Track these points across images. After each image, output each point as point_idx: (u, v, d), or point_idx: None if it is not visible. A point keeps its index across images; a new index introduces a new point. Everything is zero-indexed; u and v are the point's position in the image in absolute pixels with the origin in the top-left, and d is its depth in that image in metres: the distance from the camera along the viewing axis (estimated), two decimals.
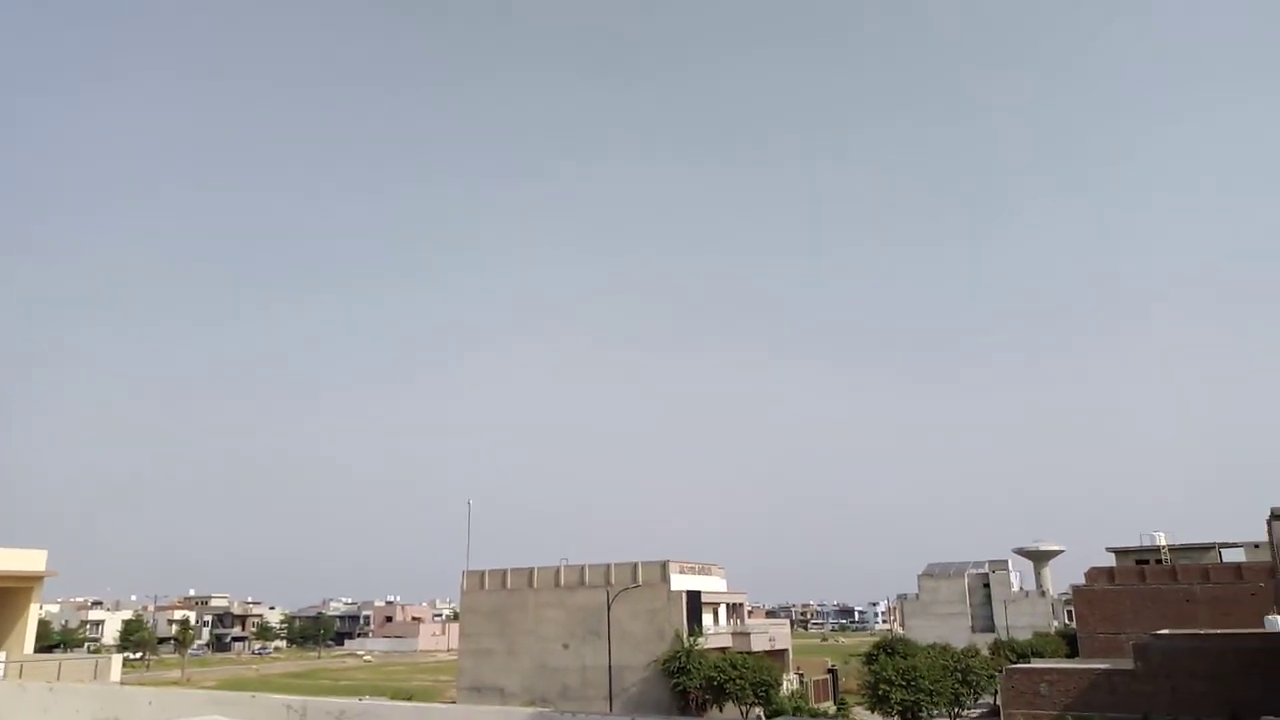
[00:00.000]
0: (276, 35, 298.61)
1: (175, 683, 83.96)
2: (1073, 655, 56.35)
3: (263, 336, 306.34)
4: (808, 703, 51.75)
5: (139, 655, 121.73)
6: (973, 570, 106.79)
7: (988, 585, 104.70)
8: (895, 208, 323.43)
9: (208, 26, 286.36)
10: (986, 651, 62.36)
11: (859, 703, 52.23)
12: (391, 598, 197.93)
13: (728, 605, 59.47)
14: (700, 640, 50.76)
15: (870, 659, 61.10)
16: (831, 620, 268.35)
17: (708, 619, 54.81)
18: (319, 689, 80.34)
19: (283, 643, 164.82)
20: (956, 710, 46.24)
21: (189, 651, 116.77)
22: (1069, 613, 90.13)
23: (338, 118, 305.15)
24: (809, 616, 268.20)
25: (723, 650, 51.79)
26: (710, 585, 57.30)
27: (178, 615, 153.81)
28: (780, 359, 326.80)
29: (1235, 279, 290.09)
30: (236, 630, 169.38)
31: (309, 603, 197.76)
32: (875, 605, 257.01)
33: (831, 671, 66.85)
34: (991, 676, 48.69)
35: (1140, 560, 58.67)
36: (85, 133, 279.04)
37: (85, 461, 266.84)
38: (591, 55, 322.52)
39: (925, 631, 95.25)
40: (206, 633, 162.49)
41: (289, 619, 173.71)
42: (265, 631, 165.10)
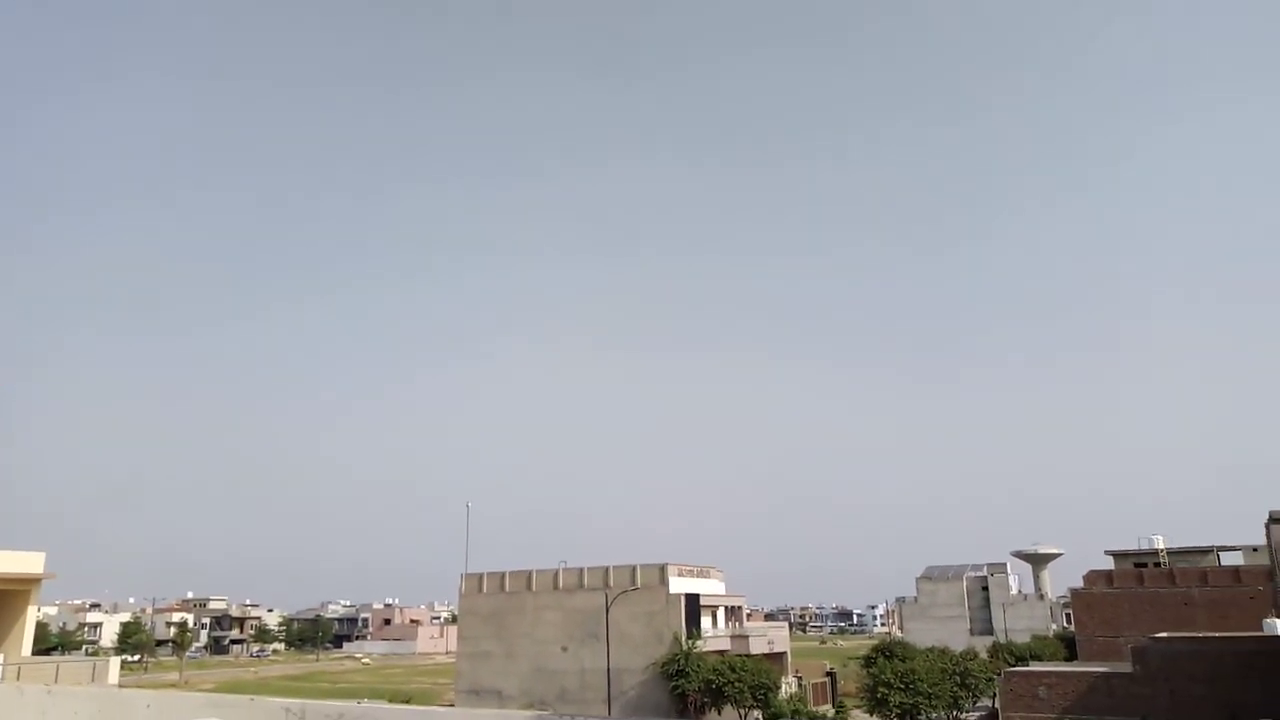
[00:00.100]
0: (276, 36, 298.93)
1: (173, 685, 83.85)
2: (1071, 658, 56.37)
3: (262, 338, 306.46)
4: (806, 706, 51.70)
5: (137, 658, 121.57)
6: (971, 573, 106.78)
7: (986, 588, 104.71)
8: (895, 208, 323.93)
9: (208, 27, 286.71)
10: (985, 654, 62.36)
11: (858, 706, 52.23)
12: (390, 600, 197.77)
13: (726, 608, 59.46)
14: (699, 643, 50.76)
15: (869, 662, 61.10)
16: (830, 623, 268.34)
17: (706, 622, 54.79)
18: (317, 692, 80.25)
19: (281, 645, 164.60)
20: (955, 713, 46.27)
21: (187, 654, 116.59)
22: (1067, 616, 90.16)
23: (338, 118, 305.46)
24: (807, 619, 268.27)
25: (721, 653, 51.79)
26: (709, 588, 57.30)
27: (176, 618, 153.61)
28: (779, 360, 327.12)
29: (1235, 280, 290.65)
30: (235, 633, 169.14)
31: (307, 605, 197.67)
32: (874, 608, 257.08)
33: (830, 674, 66.84)
34: (990, 679, 48.72)
35: (1139, 563, 58.71)
36: (85, 133, 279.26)
37: (83, 463, 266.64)
38: (591, 55, 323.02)
39: (924, 634, 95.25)
40: (204, 635, 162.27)
41: (287, 621, 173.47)
42: (263, 634, 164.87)
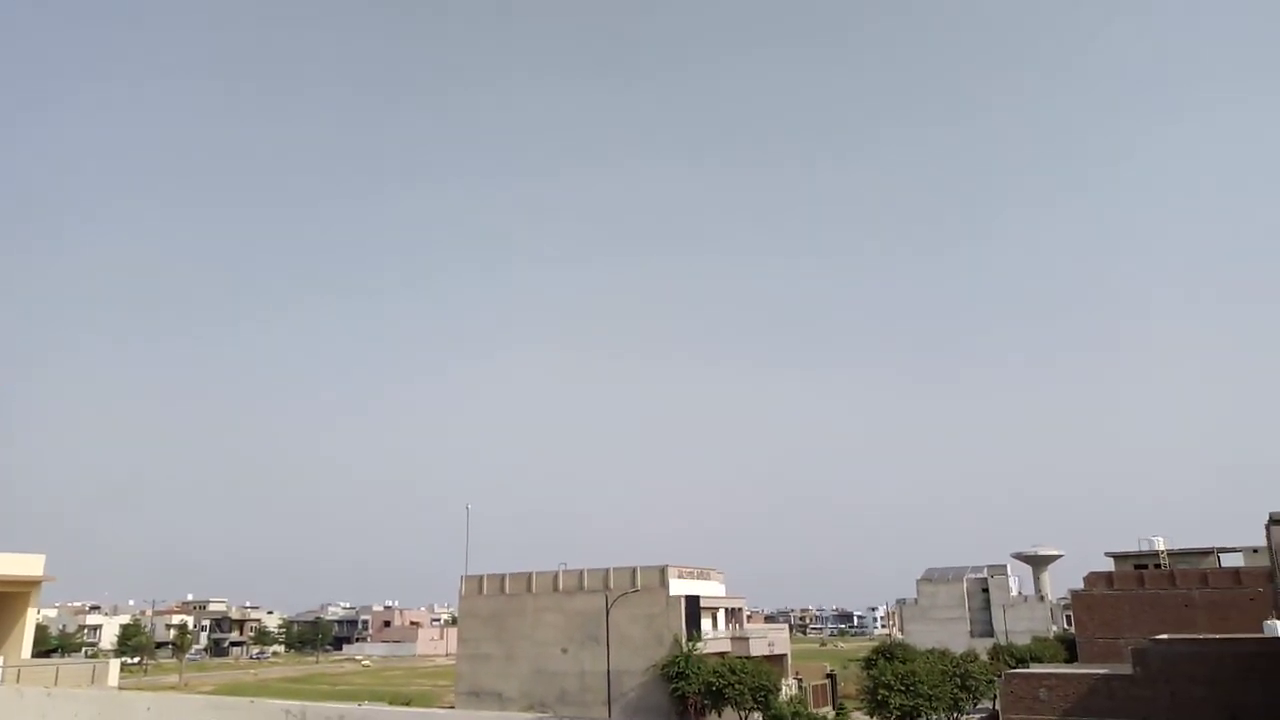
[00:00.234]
0: (277, 38, 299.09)
1: (173, 688, 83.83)
2: (1072, 660, 56.28)
3: (262, 339, 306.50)
4: (806, 708, 51.66)
5: (137, 660, 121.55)
6: (971, 575, 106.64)
7: (986, 590, 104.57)
8: (895, 208, 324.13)
9: (210, 29, 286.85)
10: (985, 656, 62.31)
11: (858, 708, 52.23)
12: (390, 602, 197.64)
13: (726, 610, 59.41)
14: (699, 645, 50.70)
15: (869, 664, 61.04)
16: (830, 625, 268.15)
17: (706, 624, 54.74)
18: (317, 694, 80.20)
19: (281, 647, 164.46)
20: (955, 715, 46.24)
21: (187, 656, 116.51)
22: (1068, 617, 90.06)
23: (337, 119, 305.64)
24: (808, 621, 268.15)
25: (721, 655, 51.74)
26: (709, 590, 57.24)
27: (176, 620, 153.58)
28: (779, 361, 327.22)
29: (1235, 280, 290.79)
30: (234, 635, 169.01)
31: (307, 607, 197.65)
32: (874, 610, 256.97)
33: (830, 676, 66.77)
34: (990, 681, 48.70)
35: (1139, 565, 58.63)
36: (85, 135, 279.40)
37: (83, 465, 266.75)
38: (591, 56, 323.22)
39: (924, 636, 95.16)
40: (204, 637, 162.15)
41: (287, 623, 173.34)
42: (263, 636, 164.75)
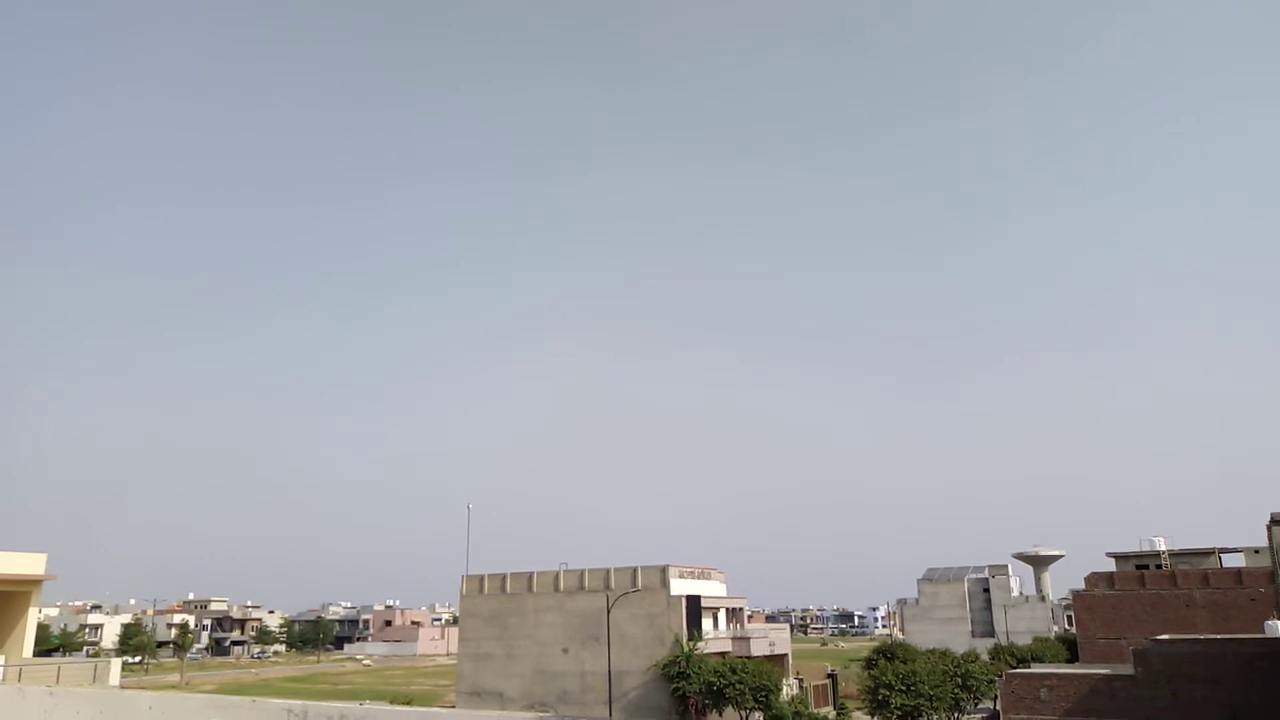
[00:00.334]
0: (277, 40, 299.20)
1: (174, 687, 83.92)
2: (1073, 660, 56.25)
3: (263, 340, 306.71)
4: (807, 708, 51.66)
5: (138, 659, 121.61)
6: (972, 575, 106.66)
7: (987, 590, 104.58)
8: (894, 211, 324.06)
9: (212, 33, 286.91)
10: (986, 656, 62.37)
11: (859, 708, 52.23)
12: (391, 602, 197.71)
13: (727, 610, 59.40)
14: (700, 645, 50.70)
15: (870, 664, 61.10)
16: (831, 625, 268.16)
17: (707, 624, 54.74)
18: (318, 693, 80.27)
19: (282, 647, 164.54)
20: (956, 715, 46.20)
21: (188, 655, 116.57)
22: (1069, 618, 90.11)
23: (337, 122, 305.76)
24: (809, 621, 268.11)
25: (722, 655, 51.74)
26: (710, 590, 57.24)
27: (177, 619, 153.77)
28: (779, 362, 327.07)
29: (1239, 281, 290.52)
30: (236, 634, 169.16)
31: (308, 606, 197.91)
32: (875, 610, 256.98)
33: (831, 676, 66.75)
34: (991, 681, 48.70)
35: (1140, 565, 58.58)
36: (85, 139, 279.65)
37: (85, 464, 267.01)
38: (591, 56, 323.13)
39: (925, 636, 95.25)
40: (205, 637, 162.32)
41: (288, 623, 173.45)
42: (264, 635, 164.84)
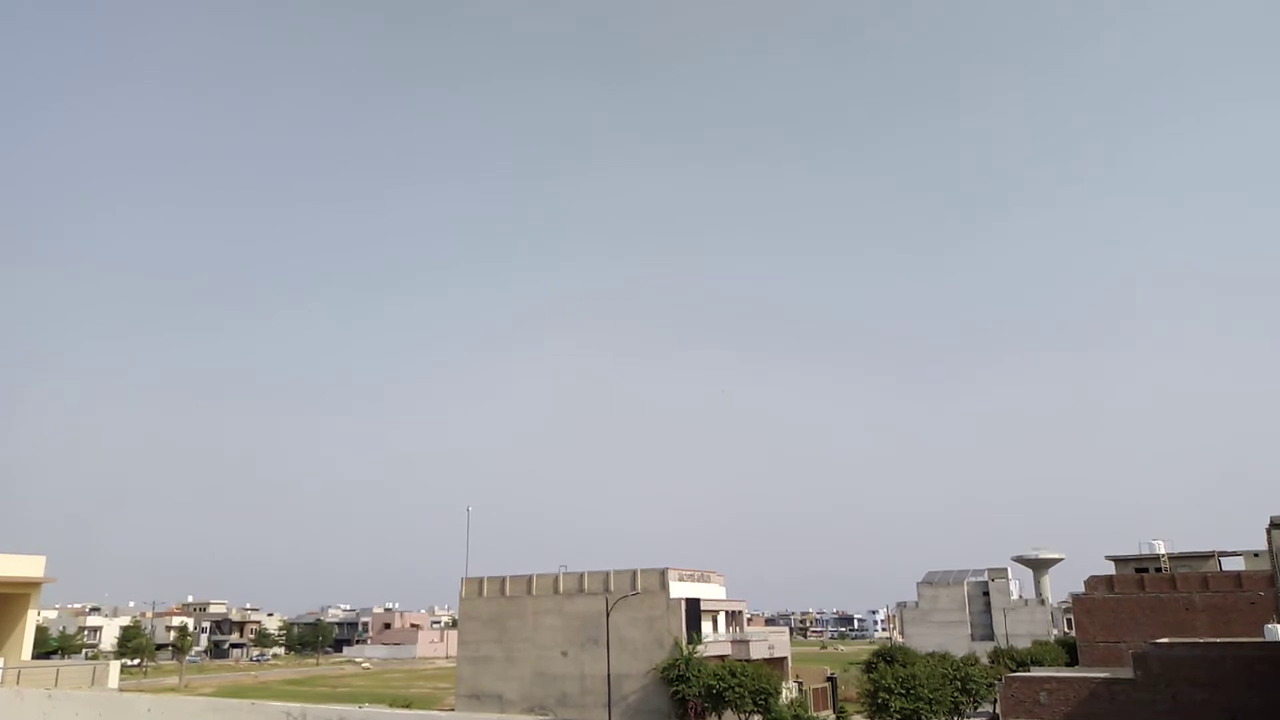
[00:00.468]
0: (277, 41, 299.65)
1: (173, 689, 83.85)
2: (1072, 664, 56.19)
3: (262, 342, 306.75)
4: (807, 711, 51.62)
5: (137, 662, 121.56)
6: (972, 578, 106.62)
7: (987, 593, 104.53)
8: (894, 211, 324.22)
9: (211, 34, 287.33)
10: (986, 660, 62.36)
11: (858, 711, 52.18)
12: (390, 604, 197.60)
13: (727, 613, 59.38)
14: (699, 648, 50.68)
15: (869, 667, 61.04)
16: (831, 628, 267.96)
17: (707, 627, 54.72)
18: (317, 696, 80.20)
19: (281, 649, 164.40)
20: (956, 718, 46.20)
21: (187, 658, 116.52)
22: (1068, 621, 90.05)
23: (336, 122, 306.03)
24: (808, 624, 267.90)
25: (722, 658, 51.72)
26: (709, 593, 57.23)
27: (176, 622, 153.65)
28: (779, 363, 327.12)
29: (1236, 282, 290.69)
30: (235, 637, 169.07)
31: (307, 609, 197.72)
32: (874, 613, 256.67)
33: (831, 680, 66.71)
34: (991, 685, 48.71)
35: (1140, 569, 58.55)
36: (84, 139, 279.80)
37: (84, 467, 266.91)
38: (590, 56, 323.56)
39: (924, 639, 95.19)
40: (205, 639, 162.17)
41: (287, 626, 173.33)
42: (263, 638, 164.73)
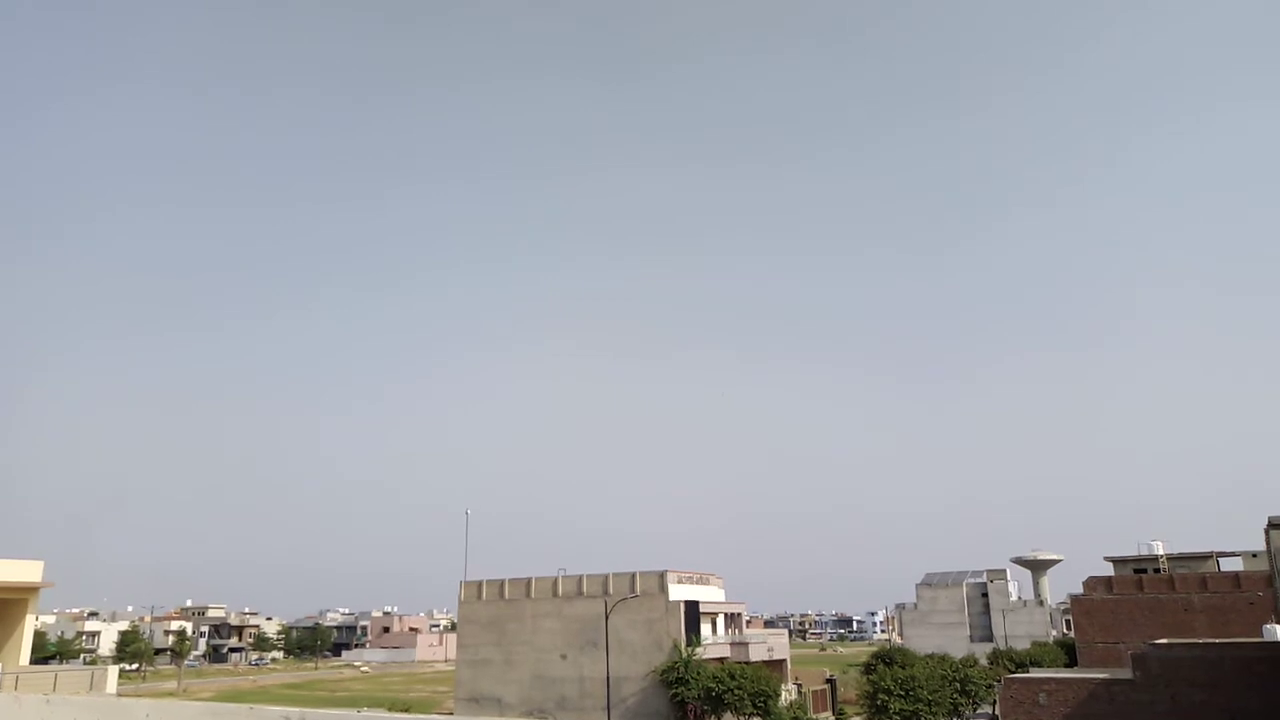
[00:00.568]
0: (277, 42, 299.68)
1: (172, 694, 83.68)
2: (1071, 665, 56.21)
3: (261, 345, 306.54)
4: (806, 713, 51.62)
5: (135, 667, 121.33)
6: (971, 580, 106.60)
7: (986, 595, 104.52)
8: (894, 211, 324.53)
9: (211, 34, 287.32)
10: (985, 661, 62.33)
11: (858, 713, 52.16)
12: (389, 608, 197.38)
13: (726, 615, 59.36)
14: (698, 650, 50.65)
15: (869, 669, 61.04)
16: (830, 630, 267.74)
17: (706, 629, 54.70)
18: (316, 700, 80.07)
19: (279, 653, 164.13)
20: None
21: (185, 662, 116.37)
22: (1067, 622, 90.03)
23: (336, 122, 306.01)
24: (807, 626, 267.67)
25: (721, 660, 51.69)
26: (708, 595, 57.20)
27: (174, 626, 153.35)
28: (779, 363, 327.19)
29: (1236, 284, 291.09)
30: (233, 641, 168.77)
31: (306, 613, 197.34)
32: (873, 615, 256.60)
33: (830, 681, 66.70)
34: (990, 686, 48.72)
35: (1138, 569, 58.60)
36: (84, 140, 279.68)
37: (82, 471, 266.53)
38: (590, 56, 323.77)
39: (923, 641, 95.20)
40: (203, 643, 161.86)
41: (286, 630, 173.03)
42: (262, 642, 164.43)
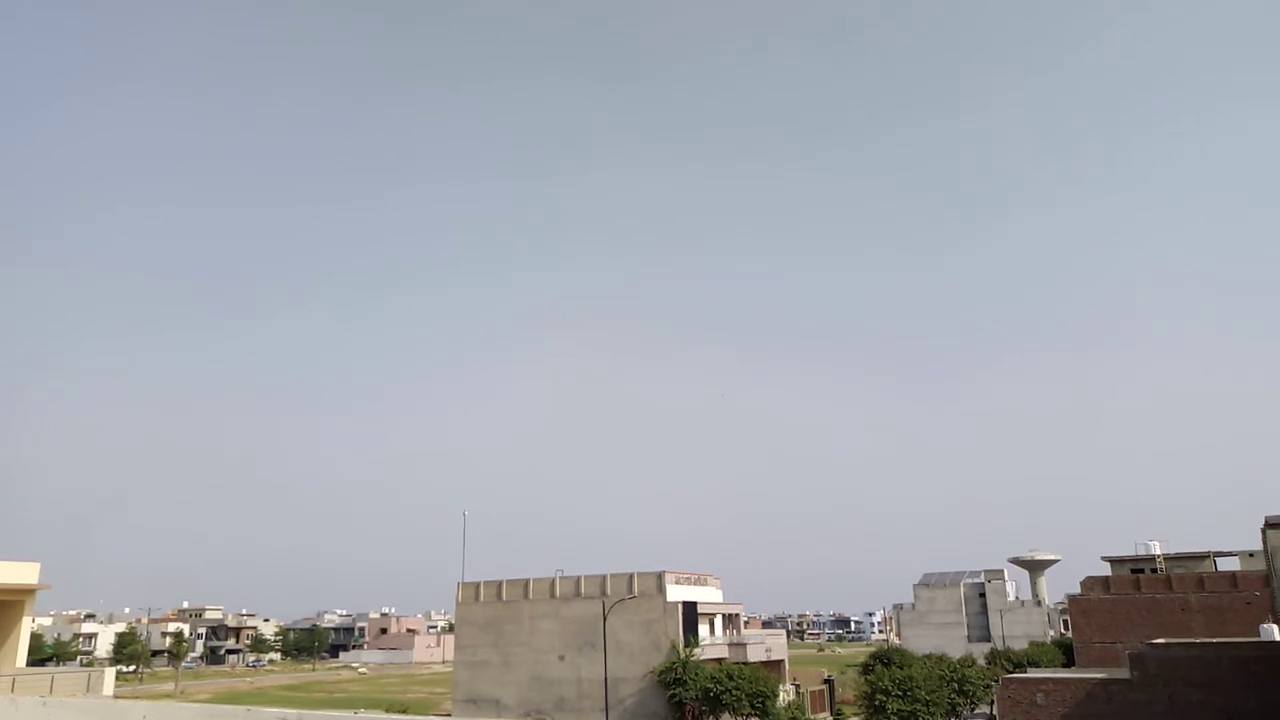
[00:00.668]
0: (277, 43, 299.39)
1: (169, 696, 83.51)
2: (1069, 665, 56.26)
3: (259, 347, 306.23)
4: (804, 713, 51.64)
5: (132, 669, 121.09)
6: (968, 580, 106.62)
7: (983, 595, 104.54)
8: (894, 211, 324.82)
9: (211, 34, 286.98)
10: (983, 661, 62.41)
11: (856, 713, 52.18)
12: (386, 609, 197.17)
13: (724, 616, 59.35)
14: (696, 651, 50.64)
15: (867, 669, 61.05)
16: (828, 630, 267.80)
17: (704, 630, 54.69)
18: (314, 702, 79.97)
19: (277, 655, 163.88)
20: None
21: (183, 664, 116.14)
22: (1065, 622, 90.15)
23: (337, 122, 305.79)
24: (805, 627, 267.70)
25: (719, 661, 51.69)
26: (706, 596, 57.20)
27: (171, 628, 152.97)
28: (779, 363, 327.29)
29: (1237, 284, 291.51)
30: (230, 643, 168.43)
31: (303, 614, 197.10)
32: (871, 615, 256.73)
33: (828, 682, 66.73)
34: (987, 686, 48.76)
35: (1135, 569, 58.65)
36: (84, 140, 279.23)
37: (79, 472, 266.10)
38: (590, 57, 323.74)
39: (921, 641, 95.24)
40: (200, 645, 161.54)
41: (283, 631, 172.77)
42: (259, 643, 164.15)
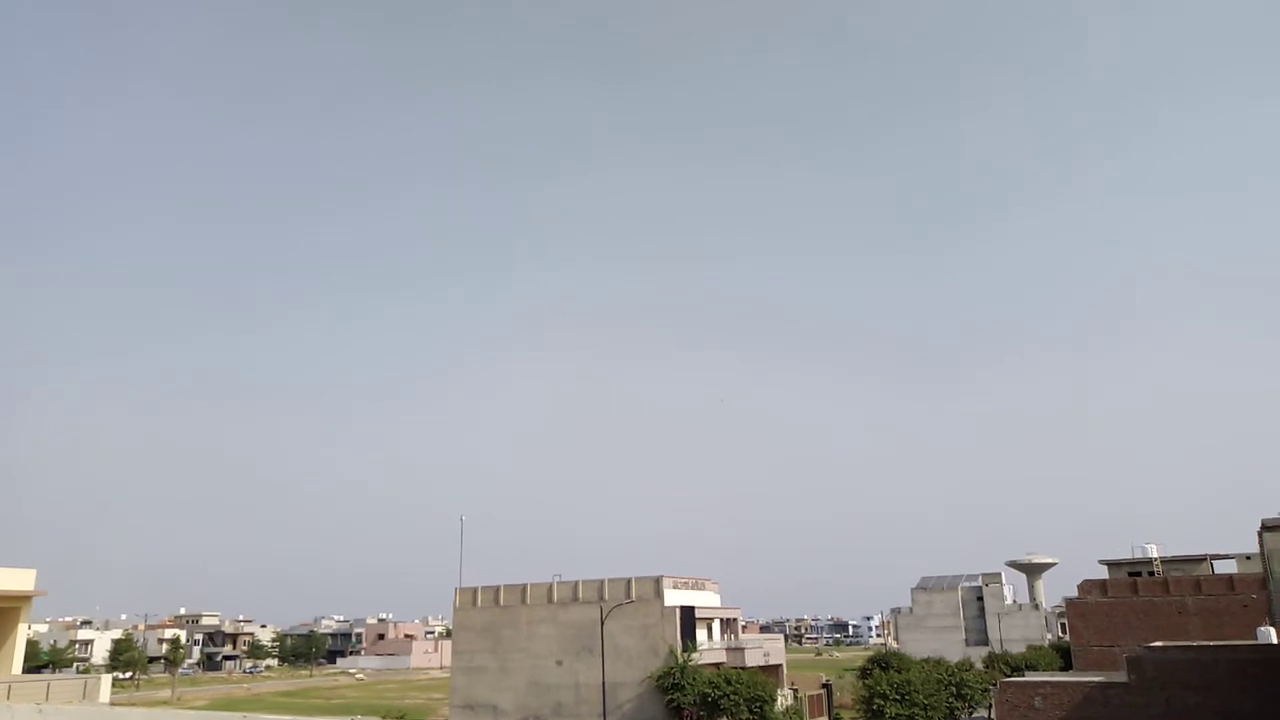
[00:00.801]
0: (277, 42, 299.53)
1: (165, 703, 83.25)
2: (1067, 668, 56.28)
3: (257, 352, 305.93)
4: (802, 718, 51.59)
5: (129, 675, 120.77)
6: (966, 583, 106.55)
7: (981, 598, 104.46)
8: (894, 211, 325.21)
9: (210, 34, 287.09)
10: (980, 665, 62.36)
11: (854, 718, 52.13)
12: (383, 615, 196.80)
13: (722, 620, 59.29)
14: (694, 656, 50.58)
15: (865, 673, 60.98)
16: (826, 635, 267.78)
17: (701, 634, 54.62)
18: (311, 708, 79.77)
19: (274, 661, 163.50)
20: None
21: (179, 671, 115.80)
22: (1062, 625, 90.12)
23: (336, 126, 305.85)
24: (803, 631, 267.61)
25: (717, 666, 51.63)
26: (704, 600, 57.14)
27: (168, 634, 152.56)
28: (779, 364, 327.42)
29: (1237, 284, 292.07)
30: (228, 649, 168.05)
31: (301, 620, 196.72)
32: (869, 619, 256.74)
33: (826, 686, 66.64)
34: (985, 690, 48.74)
35: (1133, 572, 58.72)
36: (85, 146, 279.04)
37: (75, 478, 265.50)
38: (590, 57, 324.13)
39: (919, 645, 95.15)
40: (197, 651, 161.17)
41: (280, 637, 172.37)
42: (257, 650, 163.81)
